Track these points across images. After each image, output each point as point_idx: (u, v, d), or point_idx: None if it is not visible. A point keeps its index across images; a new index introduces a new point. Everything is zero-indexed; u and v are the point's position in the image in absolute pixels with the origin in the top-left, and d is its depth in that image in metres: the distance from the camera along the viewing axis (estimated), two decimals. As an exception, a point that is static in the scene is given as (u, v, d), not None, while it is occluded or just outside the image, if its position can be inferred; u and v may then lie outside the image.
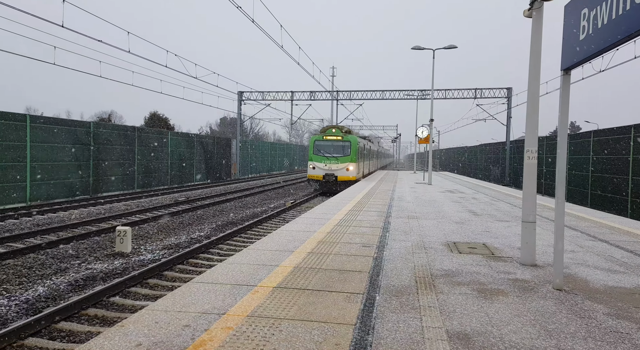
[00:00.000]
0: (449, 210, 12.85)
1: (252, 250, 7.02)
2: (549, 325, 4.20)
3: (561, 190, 5.27)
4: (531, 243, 6.47)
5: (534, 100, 6.44)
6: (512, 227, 10.04)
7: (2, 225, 13.76)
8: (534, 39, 6.25)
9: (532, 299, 4.94)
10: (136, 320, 4.07)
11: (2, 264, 9.28)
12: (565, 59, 5.09)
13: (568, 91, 5.20)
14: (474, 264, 6.53)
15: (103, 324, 6.50)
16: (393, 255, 6.94)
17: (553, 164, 23.86)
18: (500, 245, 7.96)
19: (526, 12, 6.35)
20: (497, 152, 37.82)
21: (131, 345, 3.54)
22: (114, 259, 10.03)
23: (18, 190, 17.60)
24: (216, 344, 3.62)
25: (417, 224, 10.12)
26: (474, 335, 3.91)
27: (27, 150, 17.99)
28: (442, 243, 8.03)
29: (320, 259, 6.53)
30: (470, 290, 5.24)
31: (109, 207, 18.73)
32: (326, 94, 41.28)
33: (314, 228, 9.15)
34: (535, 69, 6.35)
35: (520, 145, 32.02)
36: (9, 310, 6.79)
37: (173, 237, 12.75)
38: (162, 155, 28.24)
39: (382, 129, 77.21)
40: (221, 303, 4.57)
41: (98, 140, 22.24)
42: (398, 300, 4.81)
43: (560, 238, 5.30)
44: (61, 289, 7.87)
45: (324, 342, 3.68)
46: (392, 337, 3.83)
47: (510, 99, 36.20)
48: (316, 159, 24.89)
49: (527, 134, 6.51)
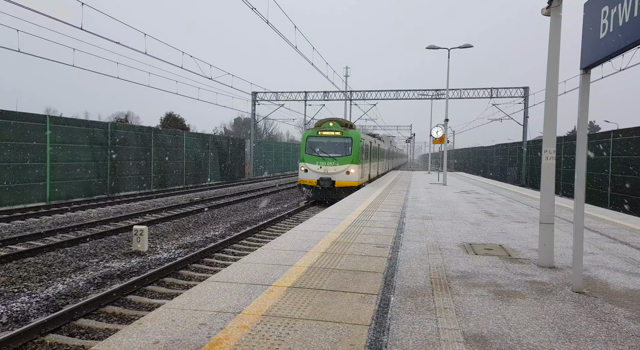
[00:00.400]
0: (465, 211, 12.73)
1: (267, 250, 7.05)
2: (568, 328, 4.14)
3: (580, 191, 5.19)
4: (549, 245, 6.37)
5: (552, 99, 6.34)
6: (529, 228, 9.90)
7: (23, 223, 14.06)
8: (552, 37, 6.15)
9: (550, 302, 4.87)
10: (153, 318, 4.12)
11: (23, 261, 9.48)
12: (584, 57, 5.00)
13: (588, 90, 5.11)
14: (491, 265, 6.45)
15: (121, 321, 6.60)
16: (408, 256, 6.90)
17: (571, 164, 23.47)
18: (517, 246, 7.86)
19: (544, 10, 6.26)
20: (514, 152, 37.33)
21: (149, 343, 3.59)
22: (131, 258, 10.17)
23: (38, 190, 17.96)
24: (232, 342, 3.64)
25: (432, 225, 10.05)
26: (491, 338, 3.87)
27: (47, 150, 18.35)
28: (458, 244, 7.95)
29: (334, 259, 6.53)
30: (487, 292, 5.18)
31: (126, 206, 19.00)
32: (339, 94, 41.26)
33: (327, 228, 9.15)
34: (553, 68, 6.26)
35: (537, 145, 31.56)
36: (30, 306, 6.93)
37: (188, 236, 12.87)
38: (177, 155, 28.53)
39: (396, 129, 76.88)
40: (236, 302, 4.60)
41: (115, 140, 22.58)
42: (413, 301, 4.78)
43: (579, 239, 5.21)
44: (80, 286, 8.01)
45: (338, 342, 3.67)
46: (408, 338, 3.81)
47: (527, 99, 35.72)
48: (309, 159, 20.25)
49: (545, 134, 6.41)
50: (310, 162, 20.14)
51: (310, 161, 20.15)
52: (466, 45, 24.24)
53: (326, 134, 20.64)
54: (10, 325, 6.25)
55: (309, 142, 20.60)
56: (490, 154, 47.71)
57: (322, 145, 20.46)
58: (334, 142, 20.46)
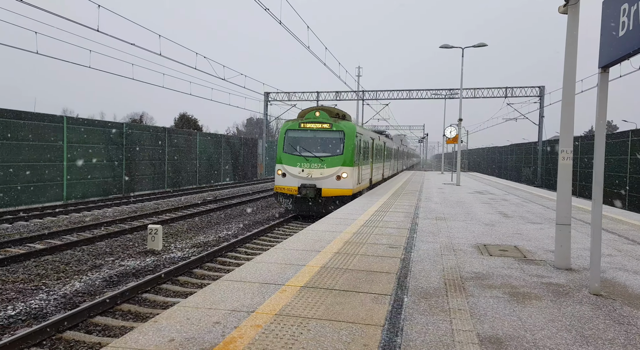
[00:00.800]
0: (479, 212, 12.61)
1: (279, 250, 7.07)
2: (586, 331, 4.07)
3: (598, 192, 5.10)
4: (566, 246, 6.28)
5: (569, 99, 6.24)
6: (544, 229, 9.77)
7: (41, 222, 14.32)
8: (570, 36, 6.06)
9: (567, 304, 4.80)
10: (169, 316, 4.16)
11: (42, 259, 9.66)
12: (603, 56, 4.92)
13: (606, 89, 5.03)
14: (505, 266, 6.38)
15: (136, 319, 6.68)
16: (421, 256, 6.86)
17: (588, 164, 23.09)
18: (533, 248, 7.76)
19: (561, 8, 6.17)
20: (529, 152, 36.88)
21: (164, 341, 3.63)
22: (145, 256, 10.29)
23: (55, 189, 18.28)
24: (246, 341, 3.66)
25: (445, 226, 9.98)
26: (507, 340, 3.82)
27: (64, 150, 18.65)
28: (472, 245, 7.88)
29: (346, 259, 6.52)
30: (502, 293, 5.13)
31: (141, 205, 19.23)
32: (352, 94, 41.19)
33: (340, 228, 9.15)
34: (570, 67, 6.16)
35: (553, 145, 31.13)
36: (48, 304, 7.05)
37: (202, 236, 12.98)
38: (191, 155, 28.78)
39: (408, 128, 76.45)
40: (250, 301, 4.63)
41: (130, 140, 22.87)
42: (427, 302, 4.75)
43: (597, 240, 5.12)
44: (96, 284, 8.13)
45: (352, 343, 3.67)
46: (422, 340, 3.79)
47: (543, 98, 35.24)
48: (288, 160, 15.79)
49: (562, 134, 6.32)
50: (289, 163, 15.76)
51: (289, 162, 15.77)
52: (480, 44, 24.01)
53: (311, 126, 16.04)
54: (29, 322, 6.37)
55: (289, 137, 16.20)
56: (504, 154, 47.20)
57: (305, 141, 15.99)
58: (320, 137, 15.97)
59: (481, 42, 24.02)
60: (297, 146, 15.98)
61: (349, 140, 15.83)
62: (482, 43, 23.98)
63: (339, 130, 15.94)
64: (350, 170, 15.66)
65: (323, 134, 16.03)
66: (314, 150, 15.79)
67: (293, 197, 15.69)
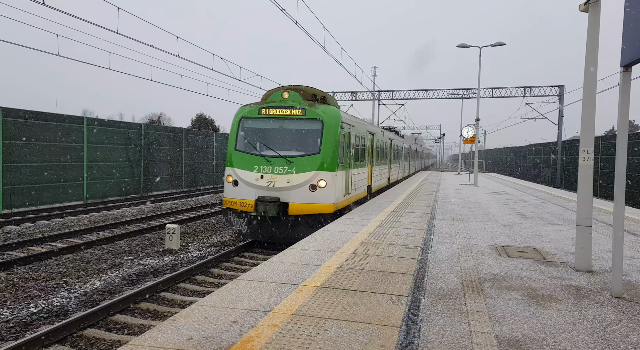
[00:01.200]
0: (497, 213, 12.46)
1: (295, 250, 7.09)
2: (608, 334, 3.99)
3: (620, 192, 5.00)
4: (587, 248, 6.17)
5: (590, 98, 6.13)
6: (564, 230, 9.60)
7: (62, 221, 14.63)
8: (591, 34, 5.95)
9: (588, 307, 4.71)
10: (187, 315, 4.21)
11: (62, 258, 9.87)
12: (625, 54, 4.82)
13: (628, 89, 4.93)
14: (524, 268, 6.30)
15: (155, 317, 6.77)
16: (438, 257, 6.81)
17: (608, 165, 22.60)
18: (553, 249, 7.63)
19: (582, 6, 6.06)
20: (548, 152, 36.28)
21: (183, 339, 3.68)
22: (163, 256, 10.43)
23: (76, 189, 18.64)
24: (263, 340, 3.69)
25: (462, 227, 9.88)
26: (526, 342, 3.77)
27: (85, 151, 19.02)
28: (490, 246, 7.79)
29: (363, 259, 6.51)
30: (521, 295, 5.06)
31: (159, 205, 19.49)
32: (367, 94, 41.08)
33: (356, 229, 9.13)
34: (591, 66, 6.05)
35: (573, 145, 30.57)
36: (69, 302, 7.21)
37: (219, 235, 13.09)
38: (208, 155, 29.07)
39: (425, 128, 75.92)
40: (267, 301, 4.66)
41: (148, 141, 23.20)
42: (444, 303, 4.72)
43: (619, 242, 5.02)
44: (116, 283, 8.27)
45: (369, 344, 3.67)
46: (439, 341, 3.76)
47: (562, 97, 34.62)
48: (241, 161, 11.14)
49: (583, 134, 6.20)
50: (243, 166, 10.96)
51: (243, 165, 10.97)
52: (498, 43, 23.72)
53: (275, 113, 11.27)
54: (51, 319, 6.52)
55: (244, 128, 11.44)
56: (523, 154, 46.51)
57: (267, 134, 11.32)
58: (288, 128, 11.28)
59: (499, 41, 23.72)
60: (255, 142, 11.19)
61: (329, 132, 10.94)
62: (500, 42, 23.68)
63: (315, 118, 11.02)
64: (331, 176, 10.72)
65: (293, 124, 11.18)
66: (279, 148, 10.92)
67: (247, 215, 10.91)
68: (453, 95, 38.33)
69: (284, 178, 10.60)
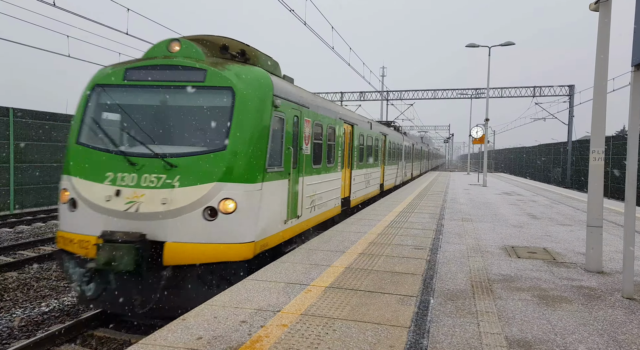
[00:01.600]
0: (506, 213, 12.38)
1: (304, 250, 7.11)
2: (619, 335, 3.96)
3: (631, 192, 4.95)
4: (597, 248, 6.11)
5: (600, 98, 6.08)
6: (574, 231, 9.52)
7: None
8: (601, 33, 5.90)
9: (599, 308, 4.67)
10: (196, 315, 4.24)
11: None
12: (636, 54, 4.77)
13: (639, 89, 4.88)
14: (534, 269, 6.26)
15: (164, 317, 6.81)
16: (447, 258, 6.79)
17: (619, 165, 22.36)
18: (563, 250, 7.58)
19: (592, 5, 6.02)
20: (558, 152, 35.97)
21: (192, 339, 3.71)
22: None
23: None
24: (272, 340, 3.71)
25: (471, 227, 9.83)
26: (536, 343, 3.75)
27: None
28: (499, 247, 7.75)
29: (371, 260, 6.51)
30: (531, 296, 5.03)
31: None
32: (376, 94, 41.02)
33: (364, 229, 9.13)
34: (602, 66, 6.00)
35: (583, 145, 30.29)
36: (80, 301, 7.27)
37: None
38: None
39: (433, 129, 75.67)
40: (275, 301, 4.68)
41: None
42: (453, 304, 4.71)
43: (630, 243, 4.97)
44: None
45: (377, 344, 3.67)
46: (449, 342, 3.75)
47: (573, 97, 34.33)
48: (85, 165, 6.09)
49: (593, 134, 6.16)
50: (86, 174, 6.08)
51: (86, 172, 6.09)
52: (508, 42, 23.57)
53: (152, 78, 6.39)
54: (62, 319, 6.60)
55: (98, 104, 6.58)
56: (532, 154, 46.16)
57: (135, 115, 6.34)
58: (173, 104, 6.33)
59: (508, 40, 23.58)
60: (113, 130, 6.50)
61: (247, 111, 6.15)
62: (509, 42, 23.54)
63: (222, 86, 6.23)
64: (248, 191, 5.94)
65: (181, 96, 6.34)
66: (153, 141, 6.12)
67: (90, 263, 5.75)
68: (462, 95, 38.17)
69: (158, 196, 5.73)
